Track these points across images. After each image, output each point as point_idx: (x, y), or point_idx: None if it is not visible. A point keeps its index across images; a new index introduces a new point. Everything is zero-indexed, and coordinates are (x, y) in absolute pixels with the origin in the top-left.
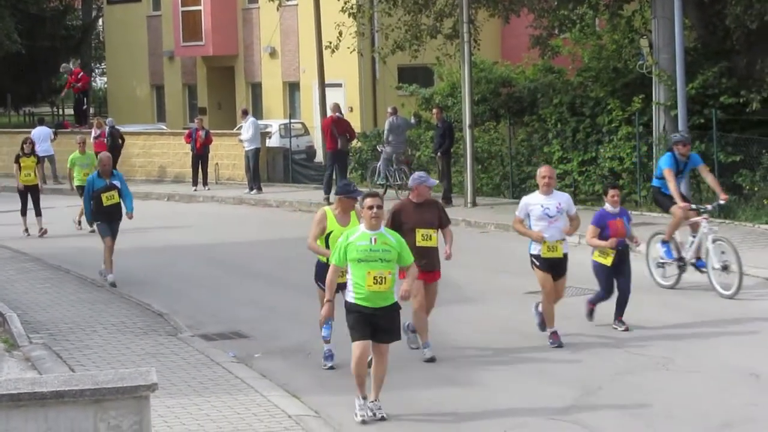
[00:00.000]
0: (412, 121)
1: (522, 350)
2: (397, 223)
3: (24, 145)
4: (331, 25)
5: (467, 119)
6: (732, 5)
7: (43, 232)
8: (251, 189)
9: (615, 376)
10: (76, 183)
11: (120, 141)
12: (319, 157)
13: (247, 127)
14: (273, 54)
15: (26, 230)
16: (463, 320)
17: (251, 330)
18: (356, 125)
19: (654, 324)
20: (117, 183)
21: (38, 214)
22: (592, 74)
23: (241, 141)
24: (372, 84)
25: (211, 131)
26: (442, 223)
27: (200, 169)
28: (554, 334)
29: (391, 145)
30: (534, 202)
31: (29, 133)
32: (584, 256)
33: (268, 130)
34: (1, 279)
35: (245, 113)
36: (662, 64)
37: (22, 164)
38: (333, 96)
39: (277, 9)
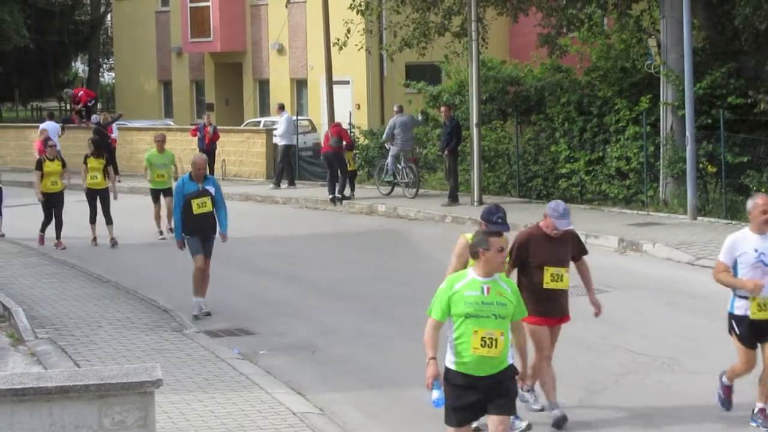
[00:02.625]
0: (419, 118)
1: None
2: (522, 257)
3: (91, 143)
4: (339, 22)
5: (474, 117)
6: (741, 6)
7: (114, 243)
8: (277, 185)
9: (620, 376)
10: (151, 185)
11: (107, 138)
12: None
13: (281, 123)
14: (281, 51)
15: (95, 239)
16: None
17: (256, 326)
18: (364, 121)
19: (658, 323)
20: (211, 189)
21: (109, 221)
22: (599, 73)
23: (275, 136)
24: (380, 81)
25: (219, 127)
26: (576, 255)
27: (207, 165)
28: (762, 411)
29: (398, 143)
30: (746, 245)
31: (37, 127)
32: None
33: (274, 127)
34: (8, 273)
35: (281, 108)
36: (670, 63)
37: (89, 165)
38: (341, 93)
39: (286, 6)
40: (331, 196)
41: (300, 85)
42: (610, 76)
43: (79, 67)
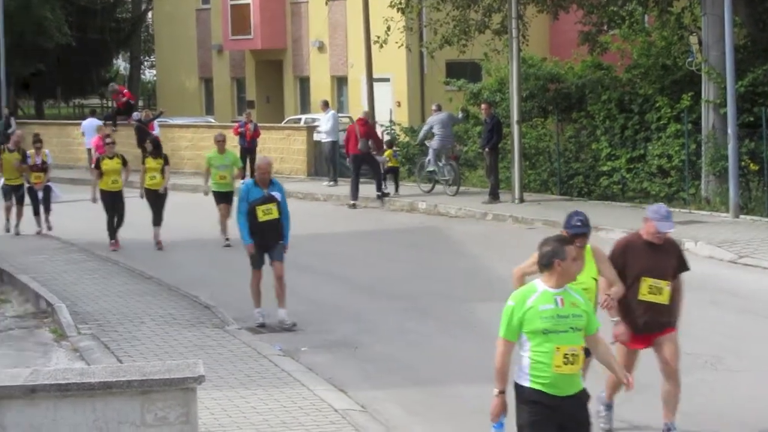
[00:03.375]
0: (460, 116)
1: None
2: (619, 264)
3: (150, 143)
4: (380, 19)
5: (515, 115)
6: None
7: (160, 246)
8: (334, 181)
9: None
10: (213, 188)
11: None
12: None
13: (326, 120)
14: (321, 48)
15: (159, 243)
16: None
17: (298, 323)
18: (404, 118)
19: (701, 322)
20: (277, 195)
21: (156, 222)
22: (640, 71)
23: (319, 133)
24: (420, 79)
25: (259, 125)
26: (677, 270)
27: (249, 163)
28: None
29: (438, 140)
30: None
31: (80, 125)
32: None
33: (315, 124)
34: (51, 270)
35: (326, 105)
36: (712, 61)
37: (147, 165)
38: (381, 91)
39: (326, 3)
40: (352, 203)
41: (340, 83)
42: (651, 74)
43: (121, 64)
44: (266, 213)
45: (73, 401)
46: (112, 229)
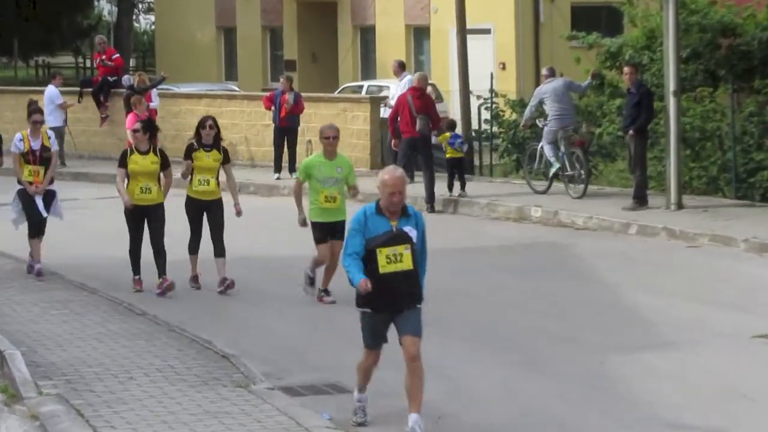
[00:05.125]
0: (585, 83)
1: (754, 419)
2: None
3: (202, 131)
4: None
5: (671, 83)
6: None
7: (227, 285)
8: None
9: None
10: (312, 215)
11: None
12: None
13: (401, 88)
14: None
15: (195, 279)
16: (661, 373)
17: (354, 381)
18: (511, 88)
19: None
20: (412, 231)
21: (219, 253)
22: None
23: (385, 106)
24: (534, 31)
25: (303, 95)
26: None
27: (286, 148)
28: None
29: (554, 119)
30: None
31: (42, 92)
32: None
33: (383, 93)
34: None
35: (401, 68)
36: None
37: (197, 163)
38: (478, 47)
39: None
40: (428, 205)
41: (419, 36)
42: None
43: (104, 8)
44: (393, 260)
45: None
46: (138, 258)
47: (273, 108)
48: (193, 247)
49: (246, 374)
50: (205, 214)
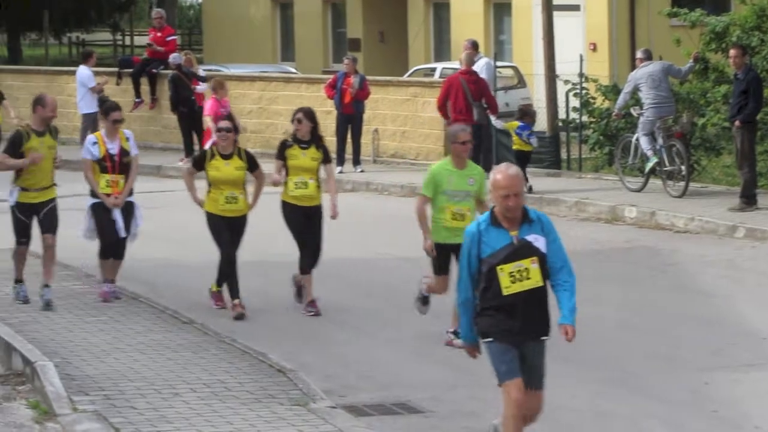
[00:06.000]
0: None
1: None
2: None
3: (297, 123)
4: None
5: None
6: None
7: (315, 313)
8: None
9: None
10: (440, 238)
11: (190, 93)
12: (541, 123)
13: (478, 71)
14: None
15: (313, 304)
16: None
17: (426, 400)
18: (603, 72)
19: None
20: (538, 241)
21: (307, 267)
22: None
23: None
24: (629, 8)
25: (369, 78)
26: None
27: (349, 138)
28: None
29: (650, 107)
30: None
31: (74, 72)
32: None
33: None
34: (31, 308)
35: (474, 48)
36: None
37: (291, 162)
38: (566, 26)
39: None
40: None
41: (500, 12)
42: None
43: None
44: (518, 277)
45: None
46: (228, 276)
47: (335, 93)
48: (308, 263)
49: (305, 391)
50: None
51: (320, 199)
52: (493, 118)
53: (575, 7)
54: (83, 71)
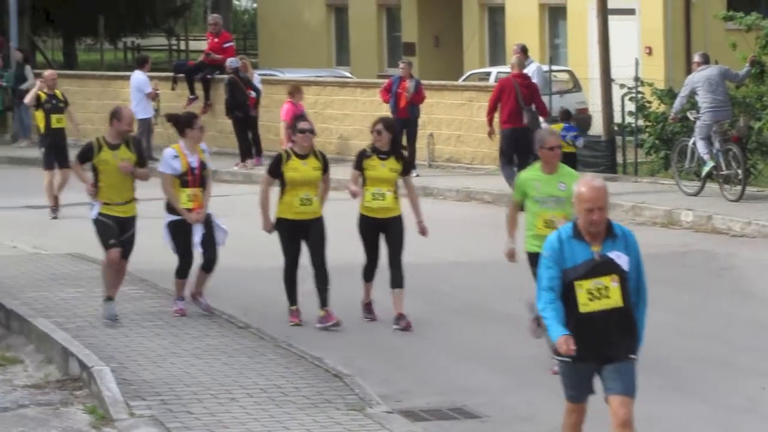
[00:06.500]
0: (742, 71)
1: None
2: None
3: (377, 134)
4: None
5: None
6: None
7: (404, 326)
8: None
9: None
10: (531, 247)
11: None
12: (597, 127)
13: (530, 75)
14: None
15: (369, 308)
16: None
17: (483, 404)
18: (658, 76)
19: None
20: (621, 259)
21: (397, 282)
22: None
23: None
24: (684, 11)
25: (423, 82)
26: None
27: (404, 143)
28: None
29: (707, 111)
30: None
31: (128, 78)
32: None
33: None
34: (87, 312)
35: (523, 53)
36: None
37: (369, 173)
38: (621, 29)
39: None
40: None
41: (555, 16)
42: None
43: None
44: (597, 296)
45: None
46: (294, 284)
47: (390, 97)
48: (369, 273)
49: (361, 396)
50: (381, 234)
51: (399, 210)
52: (541, 121)
53: (630, 11)
54: (139, 76)
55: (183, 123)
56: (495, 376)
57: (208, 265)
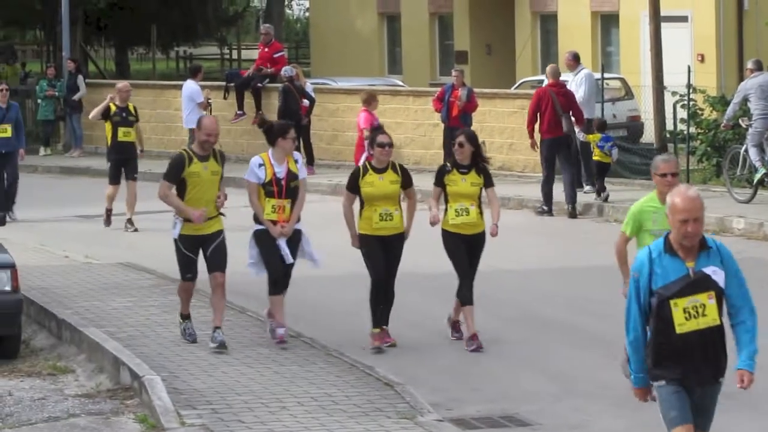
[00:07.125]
0: None
1: None
2: None
3: (459, 147)
4: None
5: None
6: None
7: (476, 347)
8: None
9: None
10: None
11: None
12: (648, 135)
13: (576, 83)
14: None
15: (456, 326)
16: None
17: (534, 412)
18: (711, 81)
19: None
20: (715, 274)
21: (466, 299)
22: None
23: None
24: (737, 18)
25: (476, 90)
26: None
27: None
28: None
29: (760, 118)
30: None
31: (180, 86)
32: None
33: None
34: (139, 322)
35: (575, 60)
36: None
37: (451, 188)
38: (673, 37)
39: None
40: (544, 209)
41: (607, 24)
42: None
43: None
44: (694, 315)
45: None
46: (379, 305)
47: (442, 106)
48: (466, 294)
49: (412, 404)
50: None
51: (483, 225)
52: (577, 130)
53: (683, 18)
54: (191, 86)
55: (276, 133)
56: (545, 384)
57: (285, 284)
